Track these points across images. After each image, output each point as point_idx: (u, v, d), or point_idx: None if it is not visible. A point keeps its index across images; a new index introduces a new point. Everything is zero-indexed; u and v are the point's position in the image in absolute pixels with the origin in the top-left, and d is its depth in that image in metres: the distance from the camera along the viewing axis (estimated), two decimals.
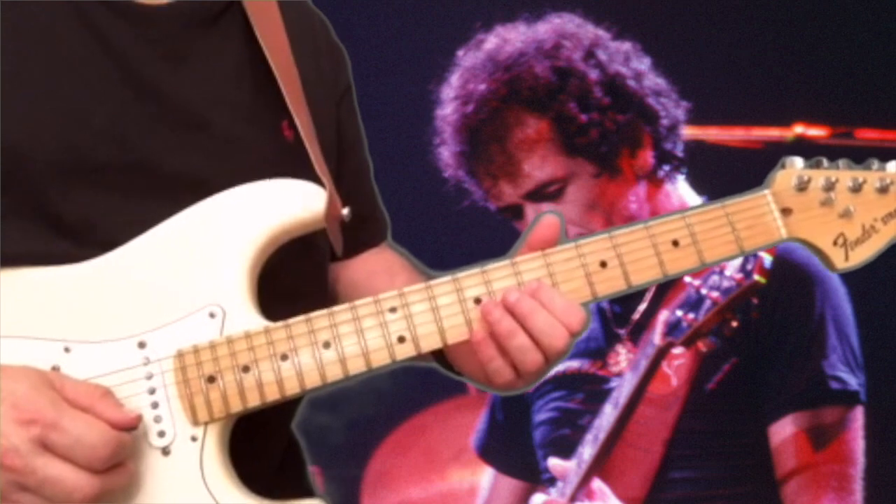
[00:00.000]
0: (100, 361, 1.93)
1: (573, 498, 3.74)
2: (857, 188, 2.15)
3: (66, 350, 1.93)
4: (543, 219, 2.09)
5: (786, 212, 2.14)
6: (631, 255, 2.07)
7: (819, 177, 2.15)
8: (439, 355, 2.21)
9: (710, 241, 2.10)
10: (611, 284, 2.07)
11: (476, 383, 2.20)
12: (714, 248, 2.10)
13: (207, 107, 2.12)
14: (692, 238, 2.09)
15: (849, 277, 3.76)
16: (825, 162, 2.18)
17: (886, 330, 4.04)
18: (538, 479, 4.02)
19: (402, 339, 2.00)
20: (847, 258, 2.16)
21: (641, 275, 2.08)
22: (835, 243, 2.15)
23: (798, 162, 2.17)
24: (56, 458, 1.76)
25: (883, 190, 2.16)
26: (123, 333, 1.95)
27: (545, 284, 2.02)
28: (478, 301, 2.03)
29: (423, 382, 4.52)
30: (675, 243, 2.09)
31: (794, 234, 2.14)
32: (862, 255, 2.16)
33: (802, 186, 2.14)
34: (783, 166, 2.17)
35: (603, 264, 2.06)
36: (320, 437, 4.50)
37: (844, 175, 2.16)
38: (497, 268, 2.05)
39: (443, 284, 2.04)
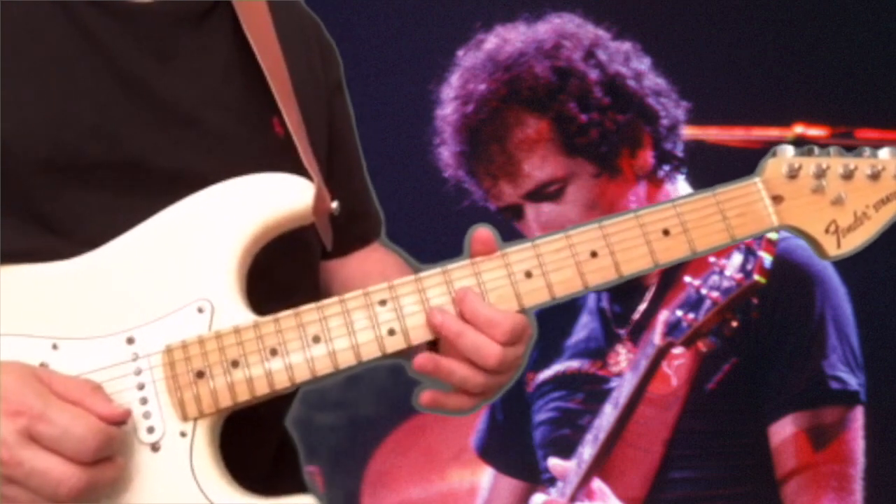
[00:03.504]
0: (88, 358, 1.93)
1: (573, 498, 3.73)
2: (848, 175, 2.15)
3: (55, 347, 1.93)
4: (477, 235, 2.07)
5: (777, 199, 2.13)
6: (621, 245, 2.07)
7: (810, 164, 2.15)
8: None
9: (701, 230, 2.10)
10: (602, 274, 2.07)
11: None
12: (705, 236, 2.10)
13: (197, 104, 2.12)
14: (683, 227, 2.09)
15: (849, 277, 3.76)
16: (816, 150, 2.17)
17: (886, 330, 4.03)
18: (538, 479, 4.02)
19: (392, 332, 2.01)
20: (839, 245, 2.15)
21: (632, 264, 2.08)
22: (826, 230, 2.15)
23: (789, 150, 2.17)
24: (43, 450, 1.76)
25: (874, 176, 2.16)
26: (111, 329, 1.95)
27: (469, 294, 2.02)
28: None
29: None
30: (666, 232, 2.09)
31: (785, 221, 2.14)
32: (854, 241, 2.16)
33: (793, 174, 2.14)
34: (774, 154, 2.16)
35: (594, 254, 2.06)
36: (320, 437, 4.51)
37: (836, 162, 2.16)
38: (486, 259, 2.05)
39: (432, 276, 2.04)
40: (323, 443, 4.52)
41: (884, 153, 2.17)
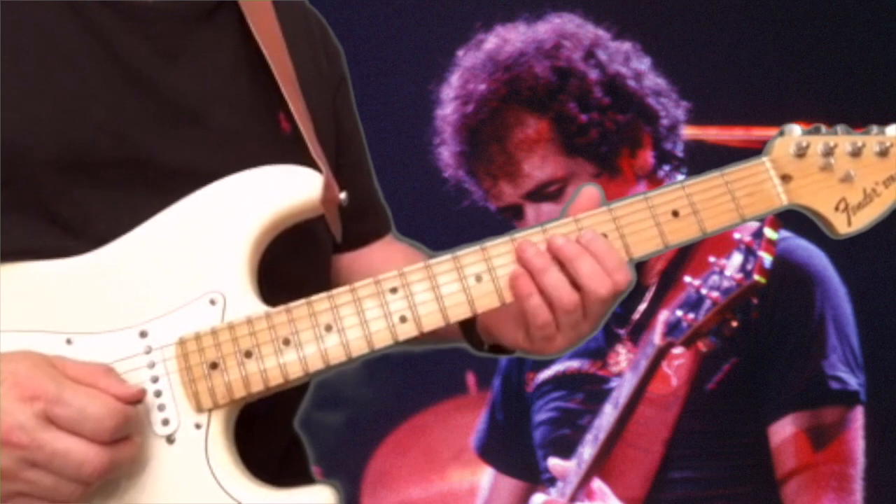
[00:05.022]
0: (102, 352, 1.93)
1: (573, 498, 3.73)
2: (856, 152, 2.14)
3: (68, 342, 1.93)
4: (584, 191, 2.09)
5: (785, 178, 2.13)
6: (631, 227, 2.07)
7: (818, 142, 2.14)
8: (469, 332, 2.24)
9: (711, 210, 2.09)
10: None
11: (515, 350, 2.18)
12: (714, 216, 2.09)
13: (204, 101, 2.13)
14: (692, 208, 2.08)
15: (849, 277, 3.76)
16: (823, 128, 2.17)
17: (886, 330, 4.03)
18: (538, 479, 4.02)
19: (403, 319, 2.01)
20: (850, 223, 2.15)
21: (642, 246, 2.08)
22: (836, 208, 2.14)
23: (796, 129, 2.16)
24: (62, 432, 1.76)
25: (883, 153, 2.15)
26: (124, 323, 1.96)
27: (599, 236, 2.03)
28: (478, 279, 2.03)
29: (423, 382, 4.53)
30: (675, 213, 2.08)
31: (795, 200, 2.13)
32: (864, 219, 2.15)
33: (801, 152, 2.13)
34: (781, 134, 2.16)
35: (603, 237, 2.06)
36: (320, 437, 4.50)
37: (843, 140, 2.15)
38: (496, 244, 2.06)
39: (443, 263, 2.05)
40: (323, 443, 4.51)
41: (892, 130, 2.17)
